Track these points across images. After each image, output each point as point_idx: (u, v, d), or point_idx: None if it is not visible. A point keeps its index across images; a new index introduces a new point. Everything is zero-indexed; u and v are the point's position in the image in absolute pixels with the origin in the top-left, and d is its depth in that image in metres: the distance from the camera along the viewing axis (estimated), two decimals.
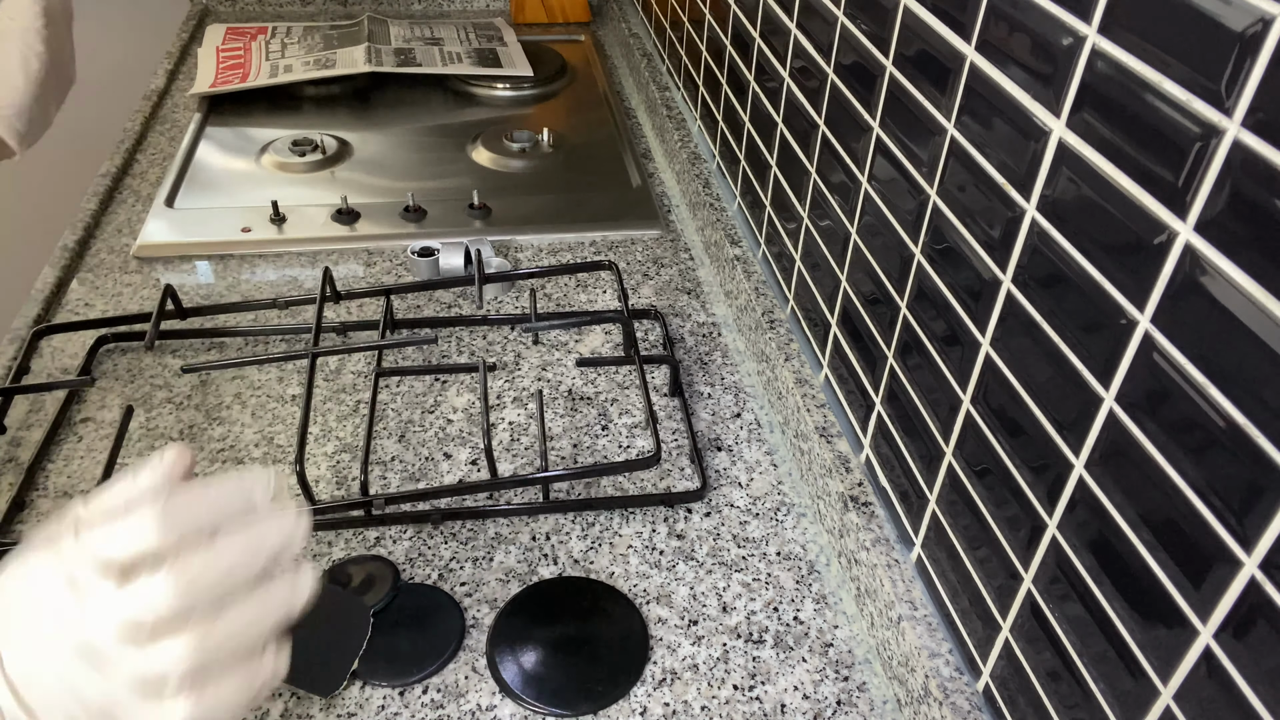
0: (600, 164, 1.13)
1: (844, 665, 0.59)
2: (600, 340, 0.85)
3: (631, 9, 1.44)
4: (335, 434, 0.74)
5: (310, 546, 0.65)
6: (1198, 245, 0.34)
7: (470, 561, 0.65)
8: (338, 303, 0.83)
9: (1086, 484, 0.41)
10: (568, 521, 0.68)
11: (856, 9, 0.61)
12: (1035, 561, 0.45)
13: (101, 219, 0.98)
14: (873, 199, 0.61)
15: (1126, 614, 0.39)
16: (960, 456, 0.52)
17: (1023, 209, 0.44)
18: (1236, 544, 0.33)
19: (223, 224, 0.97)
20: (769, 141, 0.81)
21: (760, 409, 0.78)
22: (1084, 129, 0.39)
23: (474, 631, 0.60)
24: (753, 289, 0.82)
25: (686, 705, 0.57)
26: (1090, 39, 0.38)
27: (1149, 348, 0.37)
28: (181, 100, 1.22)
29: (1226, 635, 0.34)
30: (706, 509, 0.69)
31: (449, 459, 0.72)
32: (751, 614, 0.62)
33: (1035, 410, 0.44)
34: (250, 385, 0.79)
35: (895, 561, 0.59)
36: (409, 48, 1.32)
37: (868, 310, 0.63)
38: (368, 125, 1.19)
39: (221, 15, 1.47)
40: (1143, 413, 0.37)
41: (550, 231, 0.99)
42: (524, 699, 0.56)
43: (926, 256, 0.54)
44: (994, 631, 0.50)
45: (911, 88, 0.54)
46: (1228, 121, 0.32)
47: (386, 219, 0.99)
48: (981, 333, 0.48)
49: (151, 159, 1.09)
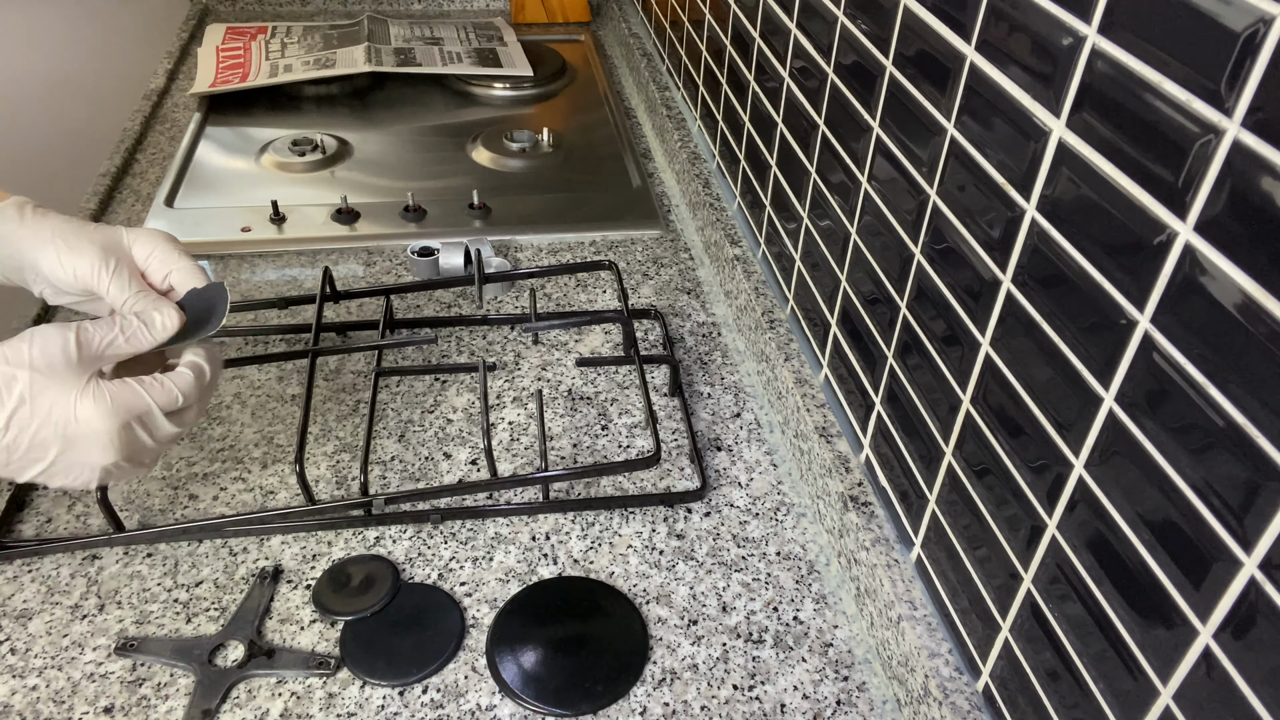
0: (600, 164, 1.13)
1: (844, 665, 0.59)
2: (600, 340, 0.85)
3: (631, 9, 1.44)
4: (335, 434, 0.74)
5: (310, 546, 0.65)
6: (1197, 245, 0.34)
7: (470, 561, 0.65)
8: (337, 302, 0.83)
9: (1086, 484, 0.41)
10: (567, 521, 0.68)
11: (856, 9, 0.61)
12: (1035, 561, 0.45)
13: (102, 219, 0.98)
14: (873, 199, 0.61)
15: (1126, 614, 0.39)
16: (960, 456, 0.52)
17: (1023, 209, 0.44)
18: (1236, 544, 0.33)
19: (222, 224, 0.97)
20: (769, 141, 0.81)
21: (760, 409, 0.78)
22: (1084, 129, 0.39)
23: (474, 631, 0.60)
24: (752, 289, 0.82)
25: (686, 705, 0.57)
26: (1090, 39, 0.38)
27: (1149, 348, 0.37)
28: (181, 100, 1.22)
29: (1226, 635, 0.34)
30: (706, 509, 0.69)
31: (449, 459, 0.72)
32: (751, 614, 0.62)
33: (1035, 410, 0.44)
34: (250, 385, 0.79)
35: (895, 561, 0.59)
36: (409, 47, 1.32)
37: (867, 310, 0.63)
38: (368, 125, 1.19)
39: (221, 15, 1.47)
40: (1143, 413, 0.37)
41: (550, 231, 0.99)
42: (524, 699, 0.56)
43: (926, 256, 0.54)
44: (994, 631, 0.50)
45: (911, 88, 0.54)
46: (1227, 121, 0.32)
47: (386, 219, 0.99)
48: (981, 333, 0.48)
49: (151, 159, 1.09)
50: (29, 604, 0.61)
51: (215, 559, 0.64)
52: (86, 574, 0.63)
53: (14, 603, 0.61)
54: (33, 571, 0.63)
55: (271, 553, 0.65)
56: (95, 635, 0.59)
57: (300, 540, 0.66)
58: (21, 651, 0.58)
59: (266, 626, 0.60)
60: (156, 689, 0.56)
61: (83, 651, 0.58)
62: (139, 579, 0.63)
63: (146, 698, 0.56)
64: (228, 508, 0.68)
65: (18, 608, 0.61)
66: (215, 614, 0.61)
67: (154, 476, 0.70)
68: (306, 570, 0.64)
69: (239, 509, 0.68)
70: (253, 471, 0.71)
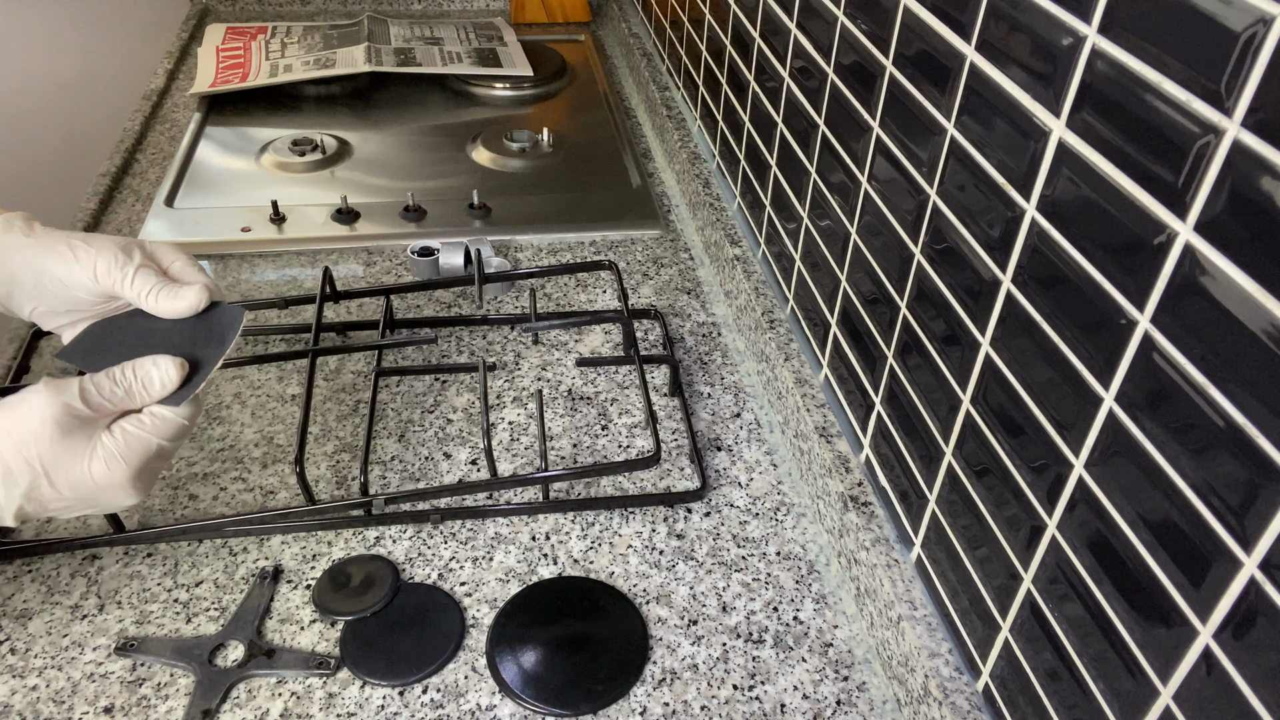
0: (600, 164, 1.13)
1: (844, 665, 0.59)
2: (600, 340, 0.85)
3: (631, 9, 1.44)
4: (335, 434, 0.74)
5: (310, 546, 0.65)
6: (1197, 245, 0.34)
7: (470, 561, 0.65)
8: (337, 302, 0.83)
9: (1086, 484, 0.41)
10: (567, 521, 0.68)
11: (856, 9, 0.61)
12: (1035, 561, 0.45)
13: (101, 219, 0.98)
14: (873, 199, 0.61)
15: (1126, 614, 0.39)
16: (960, 456, 0.52)
17: (1023, 209, 0.44)
18: (1236, 544, 0.33)
19: (222, 224, 0.97)
20: (769, 141, 0.81)
21: (760, 409, 0.78)
22: (1084, 129, 0.39)
23: (474, 631, 0.60)
24: (752, 289, 0.82)
25: (686, 705, 0.57)
26: (1090, 39, 0.38)
27: (1149, 348, 0.37)
28: (181, 100, 1.22)
29: (1226, 635, 0.34)
30: (706, 509, 0.69)
31: (449, 459, 0.72)
32: (751, 614, 0.62)
33: (1035, 410, 0.44)
34: (250, 385, 0.79)
35: (895, 561, 0.59)
36: (409, 47, 1.32)
37: (867, 310, 0.63)
38: (368, 125, 1.19)
39: (221, 15, 1.47)
40: (1142, 413, 0.37)
41: (550, 231, 0.99)
42: (524, 699, 0.56)
43: (926, 256, 0.54)
44: (994, 631, 0.50)
45: (911, 88, 0.54)
46: (1227, 121, 0.32)
47: (386, 219, 0.99)
48: (981, 333, 0.48)
49: (151, 159, 1.09)
50: (29, 604, 0.61)
51: (215, 559, 0.64)
52: (86, 574, 0.63)
53: (14, 603, 0.61)
54: (33, 571, 0.63)
55: (271, 553, 0.65)
56: (95, 635, 0.59)
57: (300, 540, 0.66)
58: (21, 651, 0.58)
59: (266, 626, 0.60)
60: (156, 689, 0.56)
61: (83, 651, 0.58)
62: (139, 579, 0.63)
63: (146, 698, 0.56)
64: (228, 508, 0.68)
65: (18, 608, 0.61)
66: (215, 614, 0.61)
67: None
68: (306, 570, 0.64)
69: (239, 509, 0.68)
70: (253, 471, 0.71)
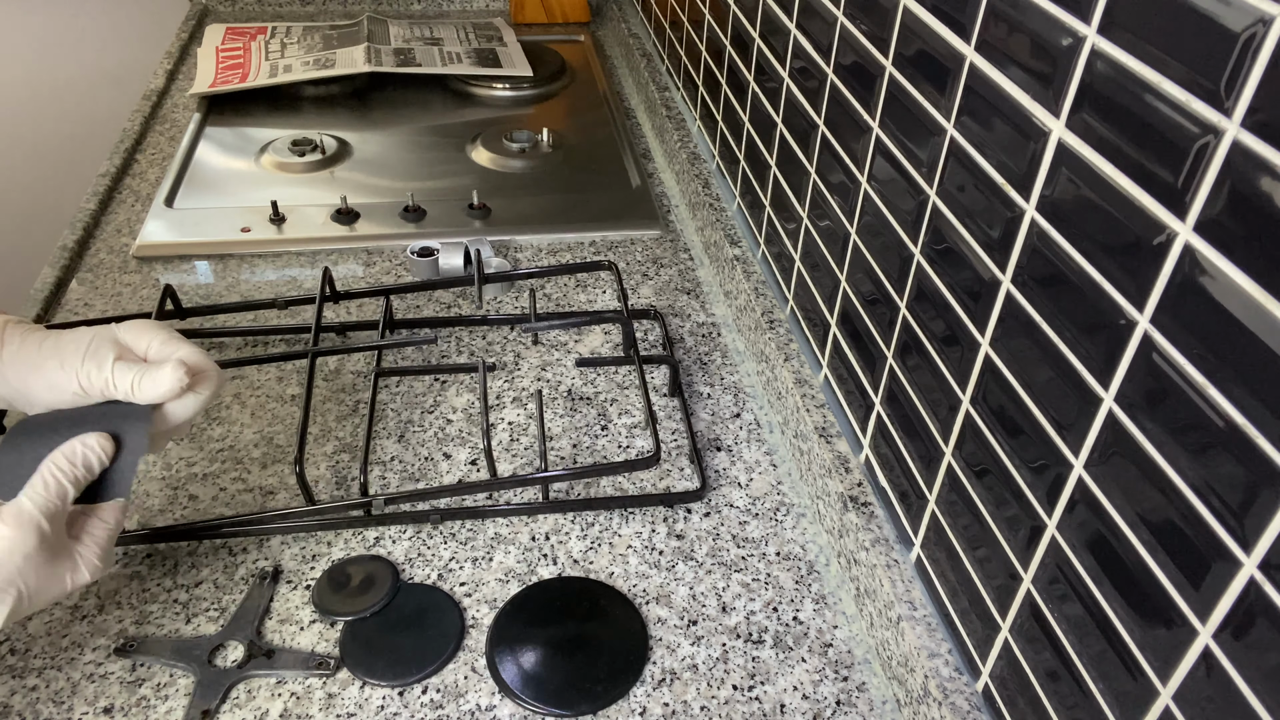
0: (600, 164, 1.13)
1: (843, 665, 0.59)
2: (600, 340, 0.85)
3: (631, 9, 1.44)
4: (335, 434, 0.74)
5: (310, 547, 0.65)
6: (1197, 245, 0.34)
7: (470, 561, 0.65)
8: (337, 303, 0.83)
9: (1086, 484, 0.41)
10: (567, 521, 0.68)
11: (856, 9, 0.61)
12: (1035, 562, 0.45)
13: (101, 219, 0.98)
14: (872, 199, 0.61)
15: (1126, 614, 0.39)
16: (960, 457, 0.52)
17: (1022, 209, 0.44)
18: (1236, 544, 0.33)
19: (222, 224, 0.97)
20: (768, 142, 0.81)
21: (760, 409, 0.78)
22: (1083, 129, 0.39)
23: (473, 631, 0.60)
24: (752, 289, 0.82)
25: (686, 705, 0.57)
26: (1090, 39, 0.38)
27: (1148, 348, 0.37)
28: (181, 100, 1.22)
29: (1226, 635, 0.34)
30: (706, 509, 0.69)
31: (448, 459, 0.72)
32: (751, 614, 0.62)
33: (1035, 410, 0.44)
34: (250, 385, 0.79)
35: (895, 562, 0.59)
36: (408, 48, 1.32)
37: (867, 310, 0.63)
38: (367, 125, 1.19)
39: (221, 15, 1.47)
40: (1142, 413, 0.37)
41: (550, 231, 0.99)
42: (523, 699, 0.56)
43: (926, 257, 0.54)
44: (993, 631, 0.50)
45: (911, 88, 0.54)
46: (1227, 122, 0.32)
47: (386, 219, 0.99)
48: (981, 333, 0.48)
49: (151, 159, 1.09)
50: None
51: (215, 559, 0.64)
52: None
53: None
54: None
55: (271, 553, 0.65)
56: (95, 635, 0.59)
57: (300, 540, 0.66)
58: (21, 651, 0.58)
59: (266, 627, 0.60)
60: (156, 689, 0.56)
61: (82, 652, 0.58)
62: (139, 579, 0.63)
63: (146, 698, 0.56)
64: (227, 508, 0.68)
65: None
66: (215, 614, 0.61)
67: (154, 477, 0.70)
68: (306, 570, 0.64)
69: (239, 509, 0.68)
70: (252, 472, 0.71)
